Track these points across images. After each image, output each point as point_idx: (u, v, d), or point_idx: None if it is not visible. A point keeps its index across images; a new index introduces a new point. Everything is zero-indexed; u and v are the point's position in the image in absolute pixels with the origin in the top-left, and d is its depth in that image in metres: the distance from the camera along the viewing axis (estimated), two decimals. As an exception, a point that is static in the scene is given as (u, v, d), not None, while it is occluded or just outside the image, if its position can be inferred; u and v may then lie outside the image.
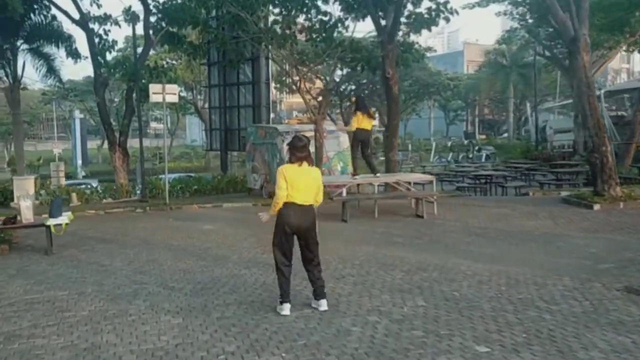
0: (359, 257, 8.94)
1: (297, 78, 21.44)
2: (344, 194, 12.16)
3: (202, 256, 9.20)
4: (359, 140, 13.17)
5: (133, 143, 25.79)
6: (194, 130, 73.44)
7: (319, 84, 44.24)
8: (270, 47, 22.06)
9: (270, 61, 25.42)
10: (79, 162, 42.73)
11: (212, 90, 27.08)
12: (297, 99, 40.51)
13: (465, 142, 36.54)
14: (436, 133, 58.35)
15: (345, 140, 20.96)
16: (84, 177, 37.49)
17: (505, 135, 53.74)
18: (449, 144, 35.01)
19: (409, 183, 12.90)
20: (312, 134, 20.45)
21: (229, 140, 26.67)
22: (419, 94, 44.42)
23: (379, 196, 12.41)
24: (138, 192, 22.30)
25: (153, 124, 70.36)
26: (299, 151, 6.37)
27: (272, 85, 27.47)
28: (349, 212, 12.58)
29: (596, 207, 12.73)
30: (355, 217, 12.51)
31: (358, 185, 13.45)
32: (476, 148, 33.52)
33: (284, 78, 36.13)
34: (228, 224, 12.50)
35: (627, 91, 25.73)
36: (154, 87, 14.69)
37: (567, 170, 19.15)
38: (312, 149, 17.31)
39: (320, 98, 18.94)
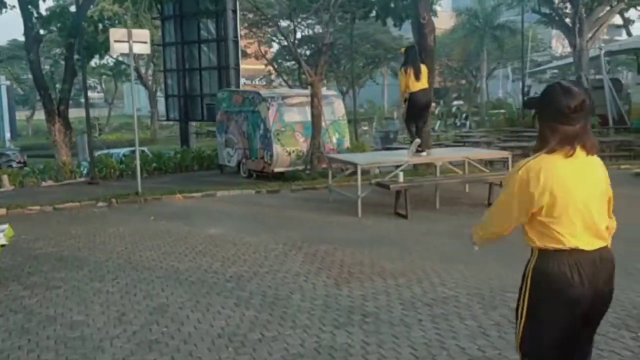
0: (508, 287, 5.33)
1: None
2: (401, 179, 8.46)
3: (241, 297, 5.27)
4: (418, 106, 9.45)
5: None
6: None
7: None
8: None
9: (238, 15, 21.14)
10: (7, 135, 36.83)
11: (168, 50, 22.50)
12: (246, 65, 36.19)
13: (453, 109, 33.65)
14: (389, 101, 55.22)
15: (340, 107, 17.21)
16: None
17: (457, 103, 51.30)
18: (437, 111, 31.98)
19: (483, 162, 9.43)
20: (300, 99, 16.76)
21: (189, 109, 22.33)
22: (380, 59, 40.85)
23: (453, 180, 8.85)
24: (84, 171, 17.89)
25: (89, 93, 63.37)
26: (571, 121, 2.48)
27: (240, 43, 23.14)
28: (388, 202, 8.98)
29: None
30: (401, 207, 8.88)
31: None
32: (464, 116, 30.59)
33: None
34: (239, 224, 8.59)
35: (630, 51, 23.22)
36: (116, 33, 10.35)
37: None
38: (304, 117, 13.68)
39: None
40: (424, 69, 9.36)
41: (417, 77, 9.30)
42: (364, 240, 7.31)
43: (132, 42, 10.24)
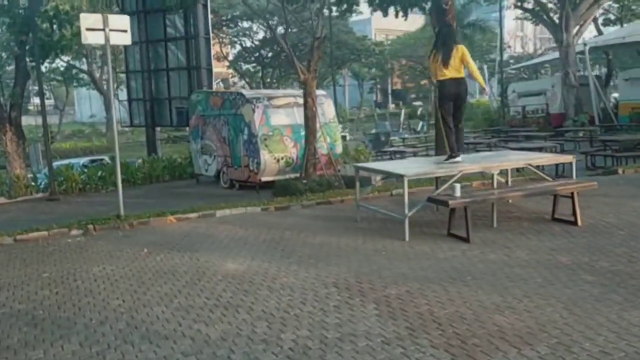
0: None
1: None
2: (458, 193, 6.67)
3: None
4: (448, 98, 7.79)
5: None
6: (85, 105, 63.17)
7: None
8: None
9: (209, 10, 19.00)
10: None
11: (130, 50, 20.07)
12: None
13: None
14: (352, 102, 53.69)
15: (330, 108, 15.38)
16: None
17: (416, 103, 50.27)
18: (419, 111, 30.44)
19: (540, 168, 7.79)
20: (287, 100, 14.83)
21: (156, 113, 20.00)
22: (344, 60, 39.23)
23: (519, 193, 7.10)
24: (42, 186, 15.46)
25: (37, 99, 59.02)
26: None
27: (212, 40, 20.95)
28: (432, 220, 7.24)
29: None
30: (456, 227, 7.15)
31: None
32: None
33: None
34: (261, 255, 6.61)
35: (614, 47, 22.31)
36: (88, 19, 8.12)
37: (610, 138, 14.87)
38: (293, 120, 11.79)
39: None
40: (459, 53, 7.64)
41: (446, 63, 7.62)
42: (437, 277, 5.51)
43: (108, 30, 8.12)
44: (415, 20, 55.51)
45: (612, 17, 34.09)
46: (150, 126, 20.19)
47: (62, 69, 39.54)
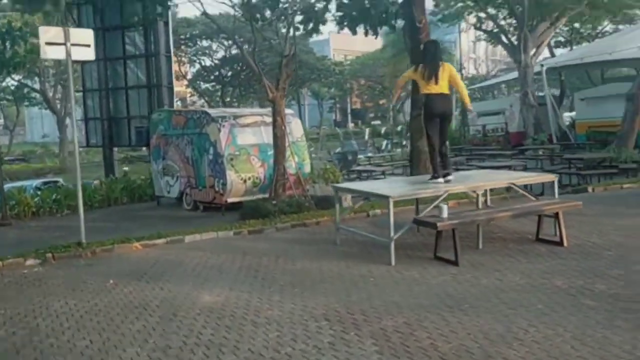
0: None
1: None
2: (445, 214, 6.36)
3: None
4: (436, 114, 7.50)
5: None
6: (36, 125, 60.92)
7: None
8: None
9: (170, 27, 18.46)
10: None
11: (87, 68, 19.29)
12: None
13: (399, 128, 32.08)
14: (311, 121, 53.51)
15: (298, 127, 15.02)
16: None
17: (375, 123, 50.54)
18: (383, 130, 30.35)
19: (526, 187, 7.57)
20: (254, 119, 14.40)
21: (114, 133, 19.21)
22: (305, 79, 39.10)
23: (507, 213, 6.82)
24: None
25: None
26: None
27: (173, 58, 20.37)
28: (415, 242, 6.95)
29: None
30: (443, 249, 6.83)
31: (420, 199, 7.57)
32: (409, 134, 29.00)
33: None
34: (239, 285, 6.12)
35: (566, 68, 22.74)
36: (47, 32, 7.48)
37: (574, 157, 14.96)
38: (260, 139, 11.39)
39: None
40: (446, 71, 7.40)
41: (430, 77, 7.34)
42: (432, 305, 5.16)
43: (70, 44, 7.54)
44: (374, 41, 56.15)
45: (562, 39, 35.16)
46: (108, 146, 19.37)
47: (12, 87, 38.00)
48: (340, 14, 12.08)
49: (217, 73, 38.62)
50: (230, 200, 13.12)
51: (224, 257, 7.35)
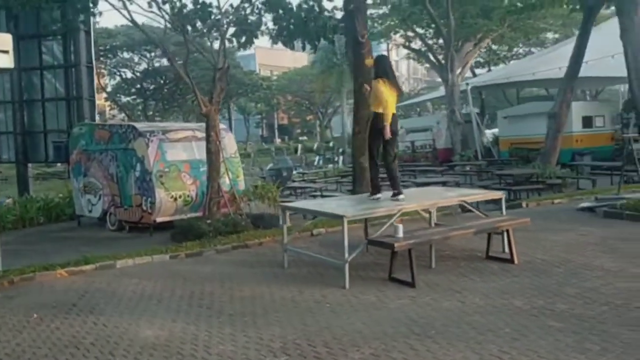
0: None
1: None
2: (400, 234, 6.12)
3: None
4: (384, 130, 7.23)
5: None
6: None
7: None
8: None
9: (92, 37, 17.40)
10: None
11: (-1, 78, 17.82)
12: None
13: (331, 144, 31.79)
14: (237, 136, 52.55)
15: (231, 142, 14.51)
16: None
17: (302, 138, 50.48)
18: (315, 145, 29.91)
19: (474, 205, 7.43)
20: (185, 134, 13.73)
21: (29, 148, 17.83)
22: (232, 93, 38.38)
23: (465, 231, 6.62)
24: None
25: None
26: None
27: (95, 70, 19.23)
28: (365, 262, 6.67)
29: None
30: (397, 270, 6.57)
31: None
32: (340, 150, 28.97)
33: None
34: (183, 316, 5.56)
35: (491, 87, 23.52)
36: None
37: (506, 172, 15.29)
38: (191, 155, 10.87)
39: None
40: (395, 85, 7.18)
41: (392, 94, 7.11)
42: (397, 332, 4.84)
43: (-16, 49, 6.74)
44: (299, 57, 56.27)
45: (482, 60, 36.65)
46: (22, 162, 17.93)
47: None
48: (275, 27, 11.75)
49: (138, 86, 37.22)
50: (159, 219, 12.37)
51: (162, 284, 6.72)
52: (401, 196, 7.14)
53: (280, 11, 11.47)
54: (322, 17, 11.07)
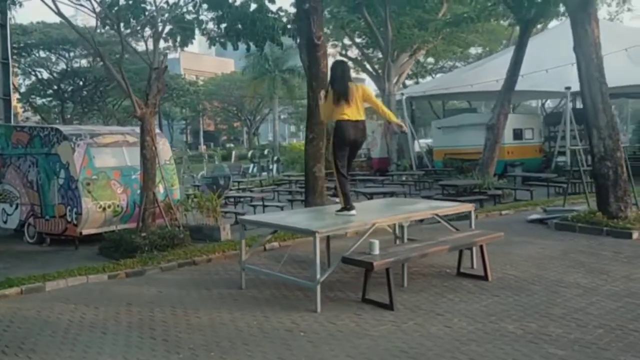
0: None
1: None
2: (377, 251, 5.54)
3: None
4: (347, 142, 6.68)
5: None
6: None
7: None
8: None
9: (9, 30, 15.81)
10: None
11: None
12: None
13: (265, 151, 30.65)
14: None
15: (166, 148, 13.48)
16: None
17: (229, 145, 49.22)
18: (250, 153, 28.69)
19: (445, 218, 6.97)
20: (115, 138, 12.60)
21: None
22: (164, 98, 36.69)
23: (442, 247, 6.07)
24: None
25: None
26: None
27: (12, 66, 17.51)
28: (332, 281, 6.11)
29: (635, 235, 8.77)
30: (370, 290, 6.01)
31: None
32: (275, 158, 27.99)
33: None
34: (135, 348, 4.62)
35: (424, 98, 23.63)
36: None
37: (450, 183, 15.14)
38: (121, 161, 9.97)
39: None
40: (359, 92, 6.61)
41: (339, 101, 6.51)
42: (390, 366, 4.25)
43: None
44: (225, 63, 55.08)
45: (410, 72, 37.23)
46: None
47: None
48: (215, 27, 10.94)
49: (55, 87, 34.81)
50: (85, 232, 11.23)
51: (105, 310, 5.77)
52: (352, 211, 6.57)
53: (222, 10, 10.70)
54: (270, 17, 10.41)
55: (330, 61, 9.44)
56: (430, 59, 35.23)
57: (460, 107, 35.06)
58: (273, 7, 11.20)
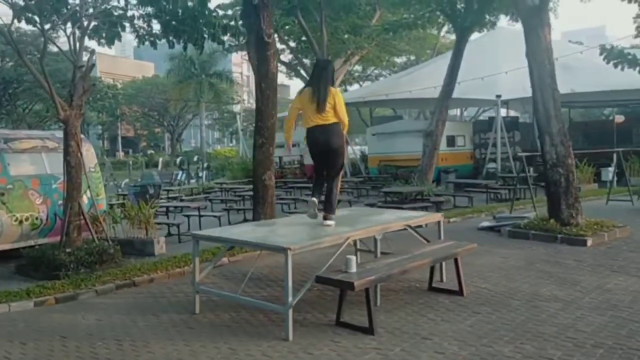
0: None
1: None
2: (354, 268, 4.92)
3: None
4: (316, 149, 6.16)
5: None
6: None
7: None
8: None
9: None
10: None
11: None
12: None
13: (195, 158, 28.91)
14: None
15: (91, 154, 12.23)
16: None
17: (150, 152, 47.15)
18: (179, 160, 26.93)
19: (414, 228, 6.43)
20: (33, 143, 11.29)
21: None
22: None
23: (423, 262, 5.50)
24: None
25: None
26: None
27: None
28: (299, 303, 5.51)
29: (590, 241, 8.69)
30: (332, 310, 5.41)
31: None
32: (205, 165, 26.52)
33: None
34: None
35: (360, 104, 23.36)
36: None
37: (394, 190, 14.80)
38: (41, 169, 8.95)
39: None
40: (331, 97, 6.06)
41: (311, 103, 6.00)
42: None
43: None
44: (144, 66, 52.79)
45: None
46: None
47: None
48: (146, 23, 9.98)
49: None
50: (-1, 248, 9.92)
51: (34, 347, 4.77)
52: (330, 222, 6.02)
53: (160, 5, 9.78)
54: (211, 14, 9.61)
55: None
56: (357, 67, 35.29)
57: (386, 114, 35.35)
58: (211, 5, 10.45)
